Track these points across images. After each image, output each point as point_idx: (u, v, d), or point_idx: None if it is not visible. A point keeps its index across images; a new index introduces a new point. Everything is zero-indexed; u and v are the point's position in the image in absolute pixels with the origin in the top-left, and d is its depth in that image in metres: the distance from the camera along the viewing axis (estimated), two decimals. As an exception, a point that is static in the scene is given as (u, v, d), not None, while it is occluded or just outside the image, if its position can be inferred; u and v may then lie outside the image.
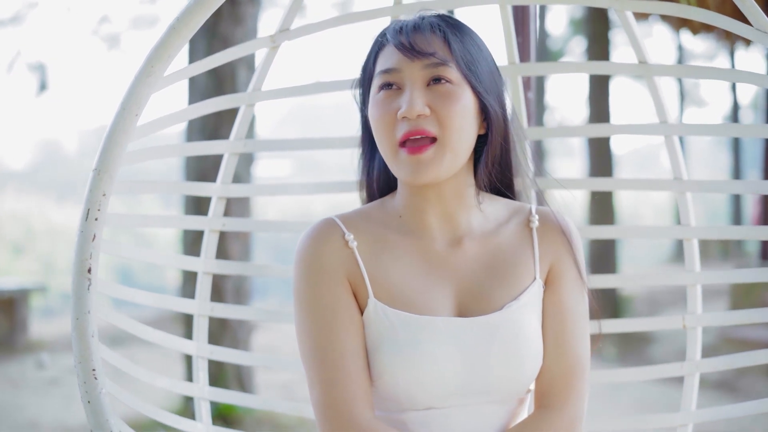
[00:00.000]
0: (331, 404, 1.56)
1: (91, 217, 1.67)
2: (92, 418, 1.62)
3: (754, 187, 1.91)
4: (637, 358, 8.04)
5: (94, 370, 1.63)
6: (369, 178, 1.77)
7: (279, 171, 19.96)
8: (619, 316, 8.87)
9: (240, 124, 2.09)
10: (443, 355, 1.57)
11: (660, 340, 8.44)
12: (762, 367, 6.63)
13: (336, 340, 1.58)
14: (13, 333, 8.64)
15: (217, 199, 2.12)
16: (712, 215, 23.03)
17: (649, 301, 10.95)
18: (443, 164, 1.57)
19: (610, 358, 8.12)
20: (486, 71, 1.64)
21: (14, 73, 14.76)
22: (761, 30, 1.69)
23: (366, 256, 1.65)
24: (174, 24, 1.68)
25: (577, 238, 1.73)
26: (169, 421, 1.86)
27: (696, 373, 2.01)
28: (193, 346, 2.06)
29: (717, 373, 6.92)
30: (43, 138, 28.30)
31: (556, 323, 1.66)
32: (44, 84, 12.73)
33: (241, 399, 2.12)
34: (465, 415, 1.61)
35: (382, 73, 1.62)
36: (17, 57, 12.56)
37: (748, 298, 7.60)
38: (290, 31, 2.04)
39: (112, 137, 1.68)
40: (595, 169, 9.96)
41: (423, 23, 1.63)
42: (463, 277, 1.65)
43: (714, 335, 8.13)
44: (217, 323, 5.47)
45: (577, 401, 1.64)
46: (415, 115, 1.56)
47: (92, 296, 1.66)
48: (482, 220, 1.70)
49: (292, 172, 19.39)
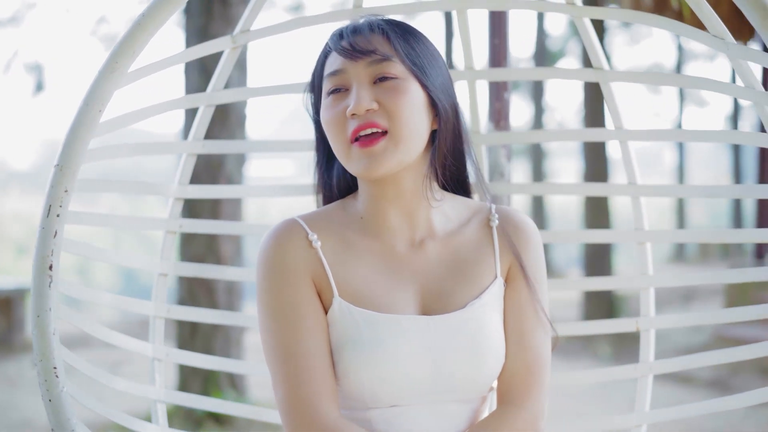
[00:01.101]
0: (297, 403, 1.56)
1: (53, 214, 1.65)
2: (53, 417, 1.60)
3: (710, 191, 1.96)
4: (632, 356, 8.11)
5: (56, 368, 1.61)
6: (328, 182, 1.78)
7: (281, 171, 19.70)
8: (614, 317, 8.94)
9: (199, 125, 2.08)
10: (408, 353, 1.58)
11: (656, 339, 8.55)
12: (755, 365, 6.72)
13: (300, 340, 1.59)
14: (11, 332, 8.74)
15: (174, 200, 2.10)
16: (715, 216, 23.38)
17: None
18: (396, 156, 1.59)
19: (605, 356, 8.18)
20: (433, 67, 1.67)
21: (11, 73, 14.64)
22: (718, 36, 1.74)
23: (330, 256, 1.65)
24: (139, 20, 1.68)
25: (535, 236, 1.76)
26: (127, 423, 1.83)
27: (649, 374, 2.05)
28: (149, 348, 2.03)
29: (710, 372, 6.99)
30: (47, 138, 27.87)
31: (517, 321, 1.69)
32: (41, 84, 12.58)
33: (198, 402, 2.10)
34: (429, 413, 1.62)
35: (329, 77, 1.64)
36: (14, 57, 12.38)
37: (744, 297, 7.71)
38: (251, 32, 2.04)
39: (74, 133, 1.66)
40: (591, 171, 10.05)
41: (362, 25, 1.66)
42: (425, 276, 1.67)
43: (708, 334, 8.26)
44: (210, 324, 5.42)
45: (539, 397, 1.67)
46: (363, 110, 1.58)
47: (53, 294, 1.64)
48: (443, 219, 1.72)
49: (296, 172, 19.15)
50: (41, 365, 1.60)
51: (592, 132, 2.19)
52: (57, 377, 1.60)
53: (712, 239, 1.99)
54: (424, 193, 1.68)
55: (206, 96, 2.07)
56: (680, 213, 20.74)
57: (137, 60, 1.71)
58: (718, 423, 5.38)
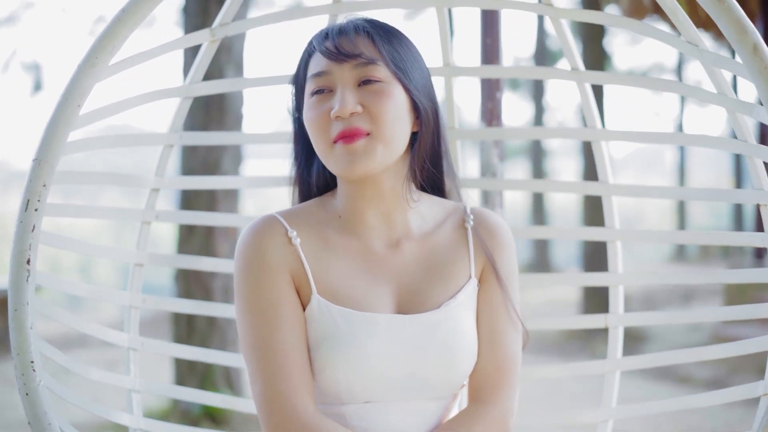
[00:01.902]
0: (273, 398, 1.58)
1: (31, 208, 1.66)
2: (29, 411, 1.61)
3: (679, 193, 2.00)
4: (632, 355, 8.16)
5: (33, 362, 1.63)
6: (306, 179, 1.80)
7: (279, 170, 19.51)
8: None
9: (176, 116, 2.09)
10: (383, 351, 1.61)
11: (654, 338, 8.59)
12: (754, 364, 6.71)
13: (278, 335, 1.61)
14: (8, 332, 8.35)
15: (150, 191, 2.11)
16: (716, 216, 23.44)
17: (645, 299, 11.10)
18: (376, 156, 1.61)
19: (603, 356, 8.07)
20: (416, 70, 1.69)
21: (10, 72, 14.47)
22: (691, 42, 1.77)
23: (309, 253, 1.67)
24: (119, 15, 1.69)
25: (509, 237, 1.79)
26: (102, 413, 1.85)
27: (616, 371, 2.09)
28: (125, 338, 2.05)
29: (708, 371, 7.04)
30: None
31: (490, 320, 1.72)
32: (39, 84, 12.41)
33: (176, 392, 2.12)
34: (402, 410, 1.65)
35: (313, 78, 1.66)
36: (13, 56, 12.21)
37: (743, 297, 7.72)
38: (230, 25, 2.05)
39: (53, 127, 1.67)
40: (590, 171, 10.06)
41: (348, 26, 1.67)
42: (402, 276, 1.70)
43: (706, 333, 8.29)
44: (206, 322, 5.42)
45: (509, 395, 1.71)
46: (347, 113, 1.60)
47: (31, 287, 1.64)
48: (420, 220, 1.75)
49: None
50: (18, 359, 1.62)
51: (567, 131, 2.21)
52: (34, 371, 1.62)
53: (685, 240, 2.03)
54: (402, 194, 1.71)
55: (184, 89, 2.08)
56: (681, 213, 20.75)
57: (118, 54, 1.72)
58: (716, 423, 5.44)
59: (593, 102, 2.10)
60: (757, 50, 1.46)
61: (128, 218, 2.12)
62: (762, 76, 1.46)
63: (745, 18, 1.47)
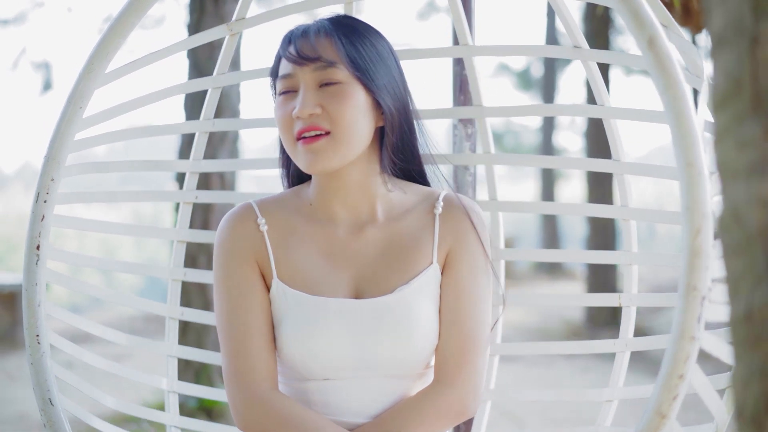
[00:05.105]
0: (235, 375, 1.75)
1: (41, 200, 1.89)
2: (34, 378, 1.86)
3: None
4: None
5: (38, 336, 1.87)
6: (287, 168, 1.93)
7: None
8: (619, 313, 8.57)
9: (207, 106, 2.25)
10: (333, 333, 1.72)
11: (659, 331, 8.17)
12: None
13: (242, 317, 1.76)
14: (15, 327, 8.43)
15: (189, 174, 2.28)
16: None
17: (651, 288, 10.54)
18: (336, 154, 1.71)
19: (606, 356, 7.80)
20: (381, 68, 1.76)
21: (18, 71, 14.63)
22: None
23: (274, 240, 1.80)
24: (113, 25, 1.88)
25: (480, 220, 1.83)
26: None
27: (627, 351, 2.07)
28: (164, 308, 2.26)
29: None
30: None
31: (451, 303, 1.78)
32: (49, 83, 12.80)
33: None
34: (360, 387, 1.76)
35: (280, 79, 1.77)
36: (22, 55, 12.64)
37: None
38: (246, 20, 2.18)
39: (59, 128, 1.90)
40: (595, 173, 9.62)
41: (310, 29, 1.76)
42: (361, 262, 1.79)
43: None
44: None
45: (471, 377, 1.76)
46: (306, 114, 1.70)
47: (41, 270, 1.89)
48: (389, 207, 1.83)
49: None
50: (27, 332, 1.87)
51: (579, 107, 2.18)
52: (39, 343, 1.87)
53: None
54: (371, 186, 1.80)
55: (211, 80, 2.24)
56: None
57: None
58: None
59: (620, 102, 2.06)
60: (653, 43, 1.43)
61: (170, 200, 2.33)
62: (658, 68, 1.43)
63: (644, 10, 1.44)
